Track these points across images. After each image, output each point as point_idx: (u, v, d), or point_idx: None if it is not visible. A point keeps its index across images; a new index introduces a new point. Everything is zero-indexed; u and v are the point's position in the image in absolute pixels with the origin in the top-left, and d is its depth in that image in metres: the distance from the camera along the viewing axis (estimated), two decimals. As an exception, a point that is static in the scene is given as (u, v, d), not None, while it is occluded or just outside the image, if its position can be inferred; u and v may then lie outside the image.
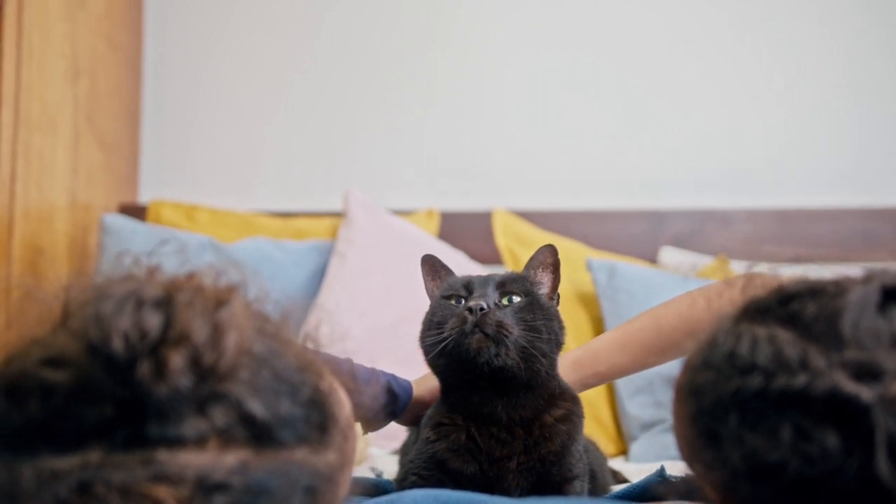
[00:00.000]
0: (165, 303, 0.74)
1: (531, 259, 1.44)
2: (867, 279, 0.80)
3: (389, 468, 1.69)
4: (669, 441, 2.42)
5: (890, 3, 3.32)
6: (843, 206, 3.11)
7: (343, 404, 0.87)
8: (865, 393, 0.70)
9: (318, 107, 3.40)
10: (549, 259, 1.44)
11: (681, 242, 3.07)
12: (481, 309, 1.31)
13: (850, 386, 0.71)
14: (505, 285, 1.39)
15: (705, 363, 0.83)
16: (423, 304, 1.51)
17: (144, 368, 0.69)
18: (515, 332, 1.32)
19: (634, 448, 2.42)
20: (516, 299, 1.37)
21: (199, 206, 3.03)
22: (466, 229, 3.05)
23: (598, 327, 2.69)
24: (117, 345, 0.70)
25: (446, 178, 3.32)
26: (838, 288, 0.80)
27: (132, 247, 2.61)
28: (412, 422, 1.52)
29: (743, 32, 3.36)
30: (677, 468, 1.21)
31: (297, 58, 3.43)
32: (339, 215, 2.96)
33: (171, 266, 0.84)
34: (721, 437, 0.78)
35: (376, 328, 2.45)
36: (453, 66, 3.41)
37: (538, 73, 3.38)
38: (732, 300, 0.91)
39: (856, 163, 3.26)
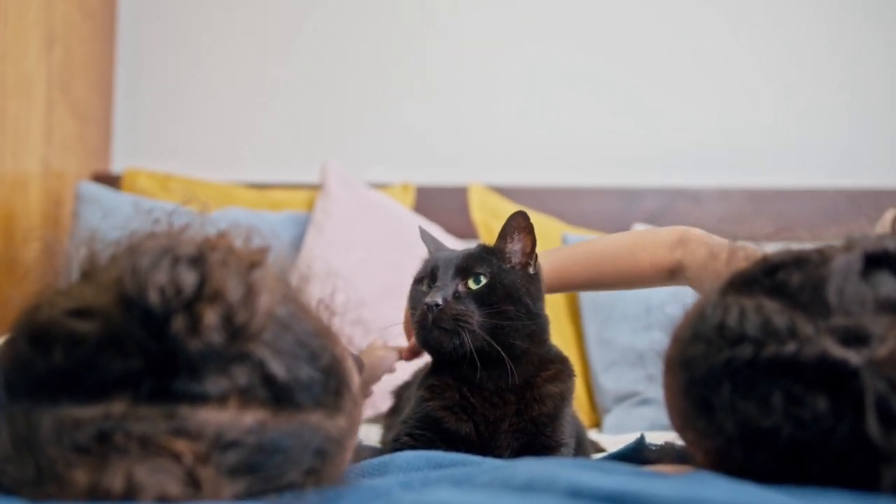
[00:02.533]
0: (200, 261, 0.75)
1: (503, 227, 1.44)
2: (849, 247, 0.83)
3: (369, 435, 1.70)
4: (642, 413, 2.47)
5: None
6: (813, 187, 3.15)
7: (354, 372, 0.90)
8: (854, 357, 0.73)
9: (295, 79, 3.39)
10: (521, 224, 1.43)
11: (653, 220, 3.09)
12: (437, 305, 1.34)
13: (838, 351, 0.74)
14: (467, 269, 1.39)
15: (695, 336, 0.85)
16: (400, 276, 1.53)
17: (179, 323, 0.71)
18: (475, 320, 1.34)
19: (608, 420, 2.45)
20: (482, 279, 1.38)
21: (174, 176, 3.01)
22: (442, 203, 3.06)
23: (573, 301, 2.71)
24: (153, 298, 0.72)
25: (423, 152, 3.33)
26: (822, 256, 0.83)
27: (108, 215, 2.61)
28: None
29: (717, 17, 3.38)
30: (653, 438, 1.25)
31: (275, 29, 3.42)
32: (315, 187, 2.96)
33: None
34: (714, 406, 0.81)
35: (354, 299, 2.45)
36: (432, 42, 3.40)
37: (516, 53, 3.38)
38: (717, 272, 0.94)
39: (826, 145, 3.30)
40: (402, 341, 1.64)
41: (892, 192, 3.00)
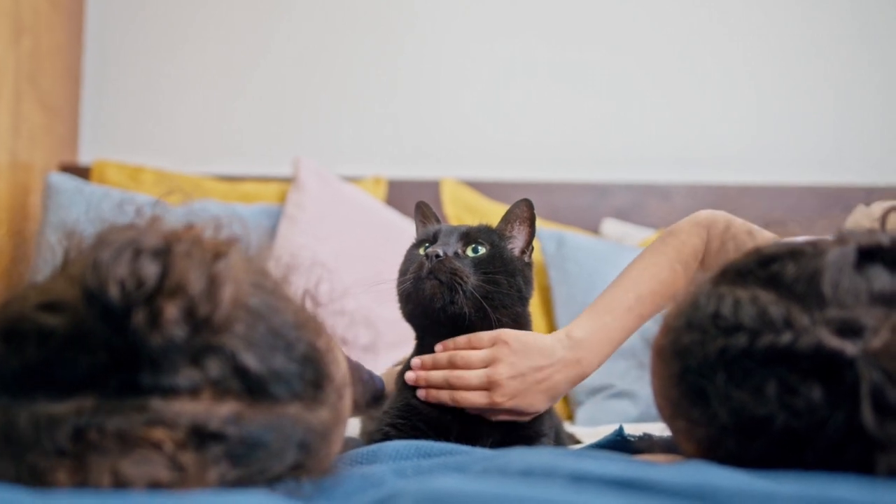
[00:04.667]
0: (163, 253, 0.74)
1: (507, 213, 1.47)
2: (842, 240, 0.84)
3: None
4: (614, 406, 2.48)
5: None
6: (781, 184, 3.19)
7: (339, 363, 0.89)
8: (849, 347, 0.75)
9: (268, 71, 3.37)
10: (525, 213, 1.47)
11: (622, 215, 3.12)
12: (437, 256, 1.35)
13: (834, 341, 0.75)
14: (470, 235, 1.42)
15: (689, 324, 0.86)
16: (373, 268, 1.52)
17: (139, 317, 0.70)
18: (471, 281, 1.35)
19: (580, 413, 2.47)
20: (481, 250, 1.40)
21: (145, 168, 2.99)
22: (414, 197, 3.03)
23: (546, 295, 2.73)
24: (113, 292, 0.70)
25: (396, 146, 3.33)
26: (816, 249, 0.84)
27: (79, 207, 2.57)
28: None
29: (690, 16, 3.42)
30: (627, 430, 1.27)
31: (247, 20, 3.39)
32: (287, 180, 2.95)
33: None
34: (708, 394, 0.82)
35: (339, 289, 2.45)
36: (406, 37, 3.40)
37: (489, 49, 3.39)
38: (706, 259, 0.95)
39: (793, 143, 3.36)
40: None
41: (857, 188, 3.05)
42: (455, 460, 0.98)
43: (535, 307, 2.59)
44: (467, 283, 1.35)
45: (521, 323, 1.44)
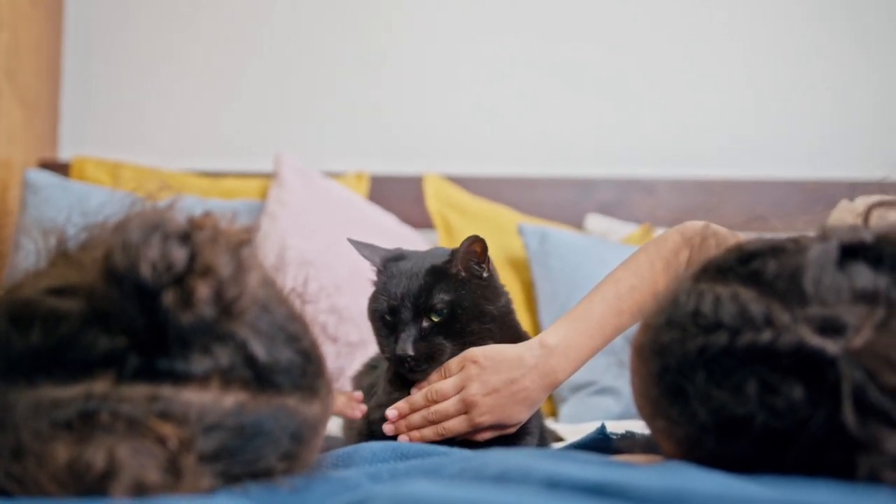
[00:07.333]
0: (189, 237, 0.75)
1: (460, 252, 1.39)
2: (824, 237, 0.83)
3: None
4: (597, 403, 2.47)
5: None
6: (765, 178, 3.19)
7: (326, 360, 0.89)
8: (831, 346, 0.73)
9: (249, 66, 3.35)
10: (477, 248, 1.39)
11: (607, 210, 3.11)
12: (409, 357, 1.34)
13: (815, 340, 0.74)
14: (426, 306, 1.36)
15: (668, 322, 0.85)
16: (355, 265, 1.50)
17: (170, 297, 0.71)
18: (447, 349, 1.36)
19: (564, 409, 2.45)
20: (444, 312, 1.36)
21: (124, 164, 2.96)
22: (397, 193, 3.04)
23: (529, 291, 2.72)
24: (145, 271, 0.71)
25: (378, 142, 3.31)
26: (797, 246, 0.83)
27: (58, 204, 2.54)
28: None
29: (674, 12, 3.41)
30: (610, 427, 1.26)
31: (229, 16, 3.37)
32: (268, 176, 2.93)
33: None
34: (688, 393, 0.80)
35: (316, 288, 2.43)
36: (388, 32, 3.38)
37: (473, 44, 3.38)
38: (690, 260, 0.94)
39: (777, 137, 3.35)
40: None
41: (842, 183, 3.04)
42: (432, 462, 0.97)
43: (518, 304, 2.59)
44: (445, 353, 1.36)
45: (501, 319, 1.42)
